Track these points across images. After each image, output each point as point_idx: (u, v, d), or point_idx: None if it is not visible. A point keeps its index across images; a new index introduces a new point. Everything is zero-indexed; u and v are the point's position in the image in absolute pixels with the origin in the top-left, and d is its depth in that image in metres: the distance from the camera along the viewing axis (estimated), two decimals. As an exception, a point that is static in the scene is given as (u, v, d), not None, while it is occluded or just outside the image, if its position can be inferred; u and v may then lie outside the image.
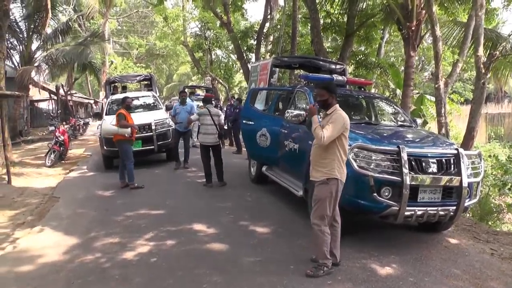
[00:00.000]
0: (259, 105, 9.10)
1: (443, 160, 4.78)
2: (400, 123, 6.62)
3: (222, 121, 8.65)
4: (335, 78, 7.21)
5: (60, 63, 18.04)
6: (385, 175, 4.60)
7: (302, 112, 6.22)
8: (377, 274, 4.20)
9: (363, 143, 4.82)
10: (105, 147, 10.02)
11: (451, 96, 15.53)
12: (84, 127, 23.11)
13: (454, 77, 9.98)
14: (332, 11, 14.85)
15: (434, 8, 8.89)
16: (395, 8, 9.83)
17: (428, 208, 4.67)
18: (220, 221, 6.03)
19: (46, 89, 23.94)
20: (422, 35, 10.12)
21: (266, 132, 7.34)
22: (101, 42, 22.20)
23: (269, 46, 21.40)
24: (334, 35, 18.18)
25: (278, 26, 18.93)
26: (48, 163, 11.48)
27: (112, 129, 8.41)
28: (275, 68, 9.46)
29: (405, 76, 9.96)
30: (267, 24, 20.25)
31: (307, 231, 5.45)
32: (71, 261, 4.71)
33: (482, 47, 8.31)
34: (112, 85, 14.40)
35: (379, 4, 13.12)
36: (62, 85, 24.57)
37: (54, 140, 12.02)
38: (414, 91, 14.49)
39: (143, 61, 44.79)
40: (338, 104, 4.30)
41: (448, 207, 4.75)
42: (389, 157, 4.68)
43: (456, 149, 4.89)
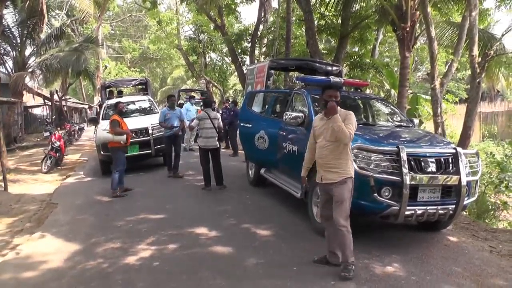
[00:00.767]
0: (256, 108, 9.12)
1: (442, 160, 4.83)
2: (398, 123, 6.66)
3: (221, 124, 8.69)
4: (332, 80, 7.24)
5: (54, 69, 17.94)
6: (385, 175, 4.64)
7: (301, 114, 6.27)
8: (380, 274, 4.23)
9: (363, 144, 4.85)
10: (102, 152, 9.99)
11: (446, 96, 15.64)
12: (79, 133, 23.07)
13: (449, 77, 10.06)
14: (327, 13, 14.93)
15: (429, 9, 8.96)
16: (390, 9, 9.88)
17: (428, 207, 4.71)
18: (221, 224, 6.04)
19: (41, 95, 23.86)
20: (417, 36, 10.17)
21: (264, 135, 7.36)
22: (96, 47, 22.06)
23: (263, 49, 21.45)
24: (328, 37, 18.31)
25: (272, 29, 19.03)
26: (45, 169, 11.44)
27: (107, 137, 8.31)
28: (271, 71, 9.49)
29: (401, 77, 10.00)
30: (261, 27, 20.31)
31: (308, 233, 5.52)
32: (73, 267, 4.70)
33: (477, 47, 8.39)
34: (108, 90, 14.41)
35: (373, 6, 13.20)
36: (57, 91, 24.51)
37: (50, 146, 11.98)
38: (409, 91, 14.57)
39: (137, 65, 44.71)
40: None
41: (448, 206, 4.79)
42: (389, 157, 4.72)
43: (454, 148, 4.95)
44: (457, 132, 15.23)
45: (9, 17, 18.06)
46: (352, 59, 15.97)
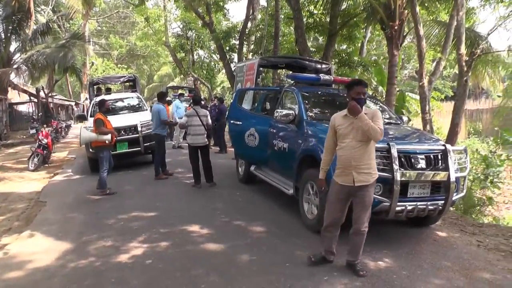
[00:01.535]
0: (246, 105, 9.15)
1: (431, 156, 4.91)
2: (387, 121, 6.71)
3: (210, 121, 8.68)
4: (322, 78, 7.30)
5: (41, 65, 17.70)
6: (376, 172, 4.68)
7: (291, 112, 6.31)
8: (372, 269, 4.28)
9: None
10: (91, 150, 9.86)
11: (432, 94, 15.82)
12: (66, 130, 22.77)
13: (437, 75, 10.19)
14: (315, 11, 14.99)
15: (417, 8, 9.05)
16: (378, 8, 9.97)
17: (418, 203, 4.79)
18: (213, 222, 6.04)
19: (26, 92, 23.51)
20: (405, 34, 10.28)
21: (255, 132, 7.38)
22: (83, 44, 21.79)
23: (252, 46, 21.43)
24: (316, 35, 18.38)
25: (261, 26, 19.00)
26: (31, 167, 11.29)
27: (91, 136, 8.05)
28: (261, 68, 9.51)
29: (389, 75, 10.09)
30: (249, 24, 20.28)
31: (300, 229, 5.57)
32: (65, 266, 4.65)
33: (464, 46, 8.51)
34: (96, 87, 14.26)
35: (362, 4, 13.29)
36: (43, 87, 24.16)
37: (38, 143, 11.81)
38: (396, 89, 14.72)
39: (124, 62, 44.32)
40: (326, 104, 4.36)
41: (437, 202, 4.88)
42: (379, 154, 4.74)
43: (444, 145, 5.03)
44: (444, 129, 15.49)
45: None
46: (341, 57, 16.04)
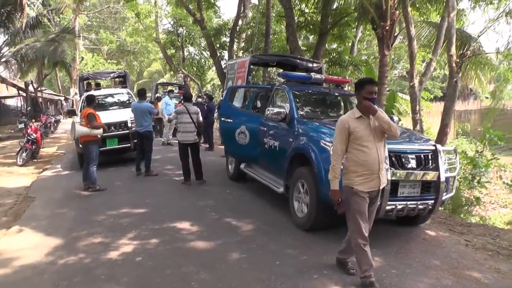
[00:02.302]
0: (237, 103, 9.13)
1: (422, 156, 4.95)
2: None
3: (201, 119, 8.66)
4: (313, 76, 7.33)
5: (30, 59, 17.48)
6: (367, 171, 4.71)
7: (283, 110, 6.33)
8: (361, 267, 4.31)
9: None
10: (81, 145, 9.78)
11: (421, 94, 15.97)
12: (56, 125, 22.57)
13: (428, 76, 10.27)
14: (307, 10, 15.00)
15: (409, 9, 9.11)
16: (370, 8, 9.99)
17: (408, 203, 4.82)
18: (203, 219, 6.04)
19: (15, 86, 23.19)
20: (396, 35, 10.33)
21: (245, 130, 7.37)
22: (73, 38, 21.54)
23: (242, 44, 21.39)
24: (307, 34, 18.39)
25: (252, 24, 18.96)
26: (20, 162, 11.17)
27: (84, 131, 7.91)
28: (252, 66, 9.51)
29: (380, 75, 10.12)
30: (240, 22, 20.23)
31: (290, 227, 5.59)
32: (55, 263, 4.61)
33: (455, 47, 8.60)
34: (86, 82, 14.15)
35: (353, 3, 13.33)
36: (32, 82, 23.85)
37: (26, 138, 11.70)
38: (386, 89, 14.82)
39: (114, 57, 43.95)
40: (317, 103, 4.35)
41: (427, 201, 4.92)
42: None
43: (434, 145, 5.08)
44: (433, 129, 15.65)
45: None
46: (331, 56, 16.09)
